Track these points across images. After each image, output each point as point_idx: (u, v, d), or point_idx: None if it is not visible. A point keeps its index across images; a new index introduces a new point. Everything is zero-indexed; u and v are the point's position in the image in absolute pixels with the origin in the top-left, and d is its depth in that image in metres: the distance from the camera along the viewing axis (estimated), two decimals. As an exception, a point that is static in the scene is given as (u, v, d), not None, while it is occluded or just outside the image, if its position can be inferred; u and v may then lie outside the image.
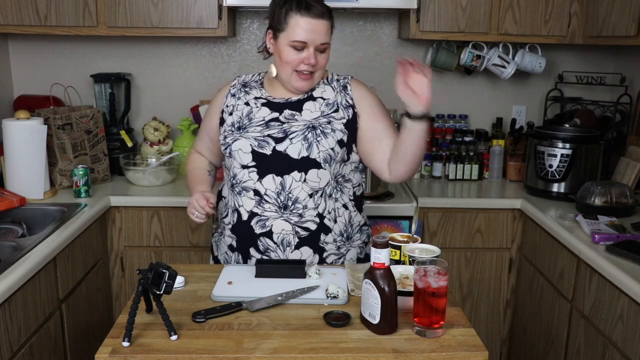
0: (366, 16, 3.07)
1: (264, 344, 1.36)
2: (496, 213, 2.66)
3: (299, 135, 1.81)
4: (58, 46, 3.03)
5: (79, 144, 2.64)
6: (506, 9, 2.71)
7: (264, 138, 1.82)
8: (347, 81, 1.92)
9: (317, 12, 1.75)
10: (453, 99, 3.18)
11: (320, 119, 1.84)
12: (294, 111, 1.85)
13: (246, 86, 1.95)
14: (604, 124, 2.89)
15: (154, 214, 2.57)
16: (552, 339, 2.34)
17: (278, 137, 1.81)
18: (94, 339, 2.32)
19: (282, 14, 1.77)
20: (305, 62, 1.77)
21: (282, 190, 1.80)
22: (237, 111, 1.89)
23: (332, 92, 1.89)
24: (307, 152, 1.80)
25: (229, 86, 1.98)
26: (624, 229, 2.15)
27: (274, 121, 1.84)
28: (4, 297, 1.65)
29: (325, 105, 1.86)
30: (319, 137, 1.81)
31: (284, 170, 1.80)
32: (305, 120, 1.83)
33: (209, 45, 3.08)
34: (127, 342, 1.34)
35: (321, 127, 1.82)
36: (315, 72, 1.81)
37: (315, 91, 1.89)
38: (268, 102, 1.88)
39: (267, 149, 1.81)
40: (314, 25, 1.75)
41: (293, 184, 1.80)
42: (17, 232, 2.20)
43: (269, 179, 1.81)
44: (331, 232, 1.86)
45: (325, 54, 1.81)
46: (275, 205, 1.81)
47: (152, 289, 1.38)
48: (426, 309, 1.39)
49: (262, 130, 1.83)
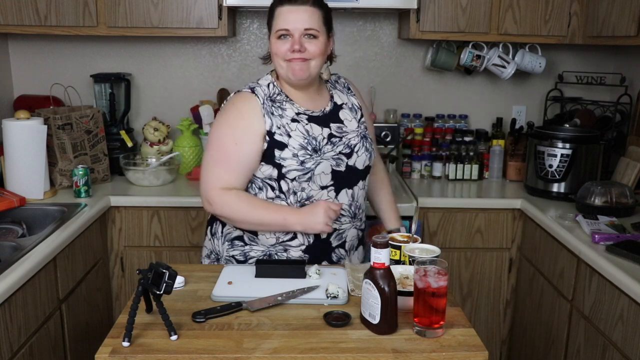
0: (366, 16, 3.07)
1: (264, 344, 1.36)
2: (496, 213, 2.66)
3: (361, 148, 1.88)
4: (58, 46, 3.03)
5: (79, 144, 2.64)
6: (506, 9, 2.71)
7: (338, 156, 1.84)
8: (343, 81, 2.00)
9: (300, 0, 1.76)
10: (453, 99, 3.18)
11: (361, 126, 1.92)
12: (338, 123, 1.88)
13: (274, 101, 1.82)
14: (604, 124, 2.89)
15: (154, 214, 2.56)
16: (552, 339, 2.34)
17: (346, 152, 1.85)
18: (94, 339, 2.32)
19: (271, 10, 1.81)
20: (290, 50, 1.74)
21: (352, 201, 1.88)
22: (294, 130, 1.79)
23: (344, 95, 1.95)
24: (369, 162, 1.92)
25: (259, 105, 1.79)
26: (624, 229, 2.15)
27: (333, 137, 1.85)
28: (4, 297, 1.65)
29: (350, 110, 1.93)
30: (372, 145, 1.94)
31: (353, 182, 1.88)
32: (354, 130, 1.89)
33: (209, 45, 3.08)
34: (127, 342, 1.34)
35: (368, 134, 1.93)
36: (310, 60, 1.77)
37: (335, 98, 1.92)
38: (310, 117, 1.85)
39: (342, 166, 1.84)
40: (295, 12, 1.74)
41: (359, 193, 1.90)
42: (17, 232, 2.20)
43: (343, 194, 1.86)
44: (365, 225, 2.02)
45: (316, 42, 1.77)
46: (349, 217, 1.89)
47: (152, 289, 1.38)
48: (426, 309, 1.39)
49: (333, 149, 1.84)
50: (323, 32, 1.79)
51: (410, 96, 3.16)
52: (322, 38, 1.79)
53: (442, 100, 3.18)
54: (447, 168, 2.99)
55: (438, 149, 3.04)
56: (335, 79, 1.98)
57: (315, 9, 1.77)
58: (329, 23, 1.83)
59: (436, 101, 3.18)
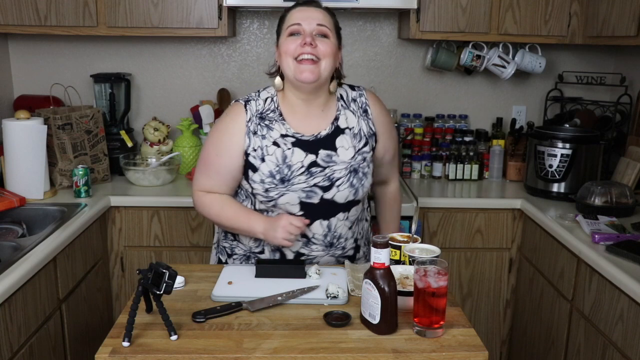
0: (366, 16, 3.07)
1: (264, 344, 1.36)
2: (496, 213, 2.66)
3: (344, 183, 1.79)
4: (58, 46, 3.03)
5: (79, 144, 2.64)
6: (506, 9, 2.71)
7: (311, 188, 1.77)
8: (364, 100, 1.86)
9: (313, 3, 1.76)
10: (453, 99, 3.18)
11: (357, 158, 1.81)
12: (329, 151, 1.79)
13: (264, 118, 1.79)
14: (604, 124, 2.89)
15: (154, 214, 2.56)
16: (552, 339, 2.34)
17: (324, 185, 1.78)
18: (94, 339, 2.32)
19: (281, 19, 1.79)
20: (302, 44, 1.69)
21: (328, 232, 1.83)
22: (270, 155, 1.77)
23: (354, 118, 1.83)
24: (353, 197, 1.82)
25: (243, 121, 1.79)
26: (624, 229, 2.15)
27: (314, 166, 1.77)
28: (4, 297, 1.65)
29: (353, 137, 1.82)
30: (362, 180, 1.82)
31: (331, 213, 1.81)
32: (344, 162, 1.79)
33: (209, 45, 3.08)
34: (127, 342, 1.34)
35: (361, 168, 1.81)
36: (320, 60, 1.71)
37: (340, 121, 1.82)
38: (297, 140, 1.78)
39: (314, 198, 1.78)
40: (307, 11, 1.74)
41: (338, 224, 1.83)
42: (17, 232, 2.20)
43: (316, 225, 1.81)
44: (361, 248, 1.94)
45: (326, 41, 1.72)
46: (322, 245, 1.84)
47: (152, 289, 1.38)
48: (426, 309, 1.39)
49: (307, 180, 1.76)
50: (334, 36, 1.75)
51: (410, 96, 3.16)
52: (333, 41, 1.75)
53: (442, 100, 3.18)
54: (447, 168, 2.99)
55: (438, 149, 3.04)
56: (355, 96, 1.86)
57: (327, 13, 1.77)
58: (339, 34, 1.79)
59: (436, 101, 3.18)
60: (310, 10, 1.74)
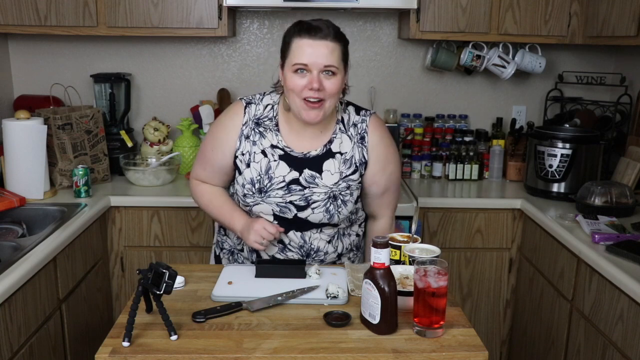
0: (366, 16, 3.07)
1: (264, 344, 1.36)
2: (496, 213, 2.66)
3: (320, 207, 1.78)
4: (58, 46, 3.03)
5: (79, 144, 2.64)
6: (506, 9, 2.71)
7: (286, 204, 1.77)
8: (365, 127, 1.81)
9: (320, 34, 1.65)
10: (453, 99, 3.18)
11: (340, 184, 1.78)
12: (314, 172, 1.77)
13: (259, 124, 1.80)
14: (604, 124, 2.89)
15: (154, 214, 2.56)
16: (552, 339, 2.34)
17: (299, 204, 1.77)
18: (94, 339, 2.32)
19: (286, 40, 1.70)
20: (308, 87, 1.65)
21: (304, 243, 1.83)
22: (255, 162, 1.78)
23: (350, 144, 1.80)
24: (327, 221, 1.81)
25: (240, 122, 1.80)
26: (624, 229, 2.15)
27: (295, 183, 1.77)
28: (4, 297, 1.65)
29: (343, 163, 1.79)
30: (340, 207, 1.79)
31: (304, 228, 1.81)
32: (326, 187, 1.77)
33: (209, 45, 3.08)
34: (127, 342, 1.34)
35: (341, 195, 1.78)
36: (325, 100, 1.68)
37: (334, 144, 1.79)
38: (286, 154, 1.78)
39: (288, 214, 1.79)
40: (314, 47, 1.64)
41: (313, 237, 1.83)
42: (17, 232, 2.20)
43: (291, 234, 1.82)
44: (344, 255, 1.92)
45: (334, 79, 1.67)
46: (299, 254, 1.84)
47: (152, 289, 1.38)
48: (426, 309, 1.39)
49: (283, 196, 1.77)
50: (342, 68, 1.70)
51: (410, 96, 3.16)
52: (341, 74, 1.69)
53: (442, 100, 3.18)
54: (447, 168, 2.99)
55: (438, 149, 3.04)
56: (357, 121, 1.81)
57: (336, 45, 1.67)
58: (347, 57, 1.73)
59: (436, 101, 3.18)
60: (319, 46, 1.64)
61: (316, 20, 1.69)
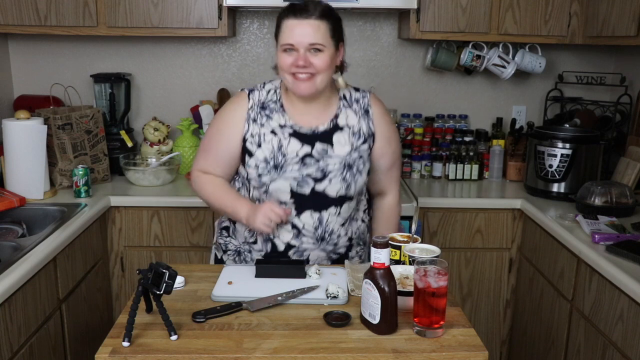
0: (366, 16, 3.07)
1: (264, 344, 1.36)
2: (496, 213, 2.66)
3: (337, 176, 1.81)
4: (58, 46, 3.03)
5: (79, 144, 2.64)
6: (506, 9, 2.71)
7: (304, 178, 1.80)
8: (367, 102, 1.88)
9: (305, 13, 1.70)
10: (453, 99, 3.18)
11: (353, 154, 1.83)
12: (325, 144, 1.81)
13: (265, 108, 1.84)
14: (604, 124, 2.89)
15: (154, 214, 2.56)
16: (552, 339, 2.34)
17: (317, 177, 1.80)
18: (94, 339, 2.32)
19: (278, 23, 1.76)
20: (295, 65, 1.72)
21: (319, 224, 1.83)
22: (266, 142, 1.81)
23: (355, 117, 1.85)
24: (345, 192, 1.83)
25: (245, 107, 1.85)
26: (624, 229, 2.15)
27: (309, 157, 1.80)
28: (4, 297, 1.65)
29: (352, 135, 1.84)
30: (356, 176, 1.83)
31: (321, 206, 1.82)
32: (340, 157, 1.81)
33: (209, 45, 3.08)
34: (127, 342, 1.34)
35: (356, 165, 1.83)
36: (316, 74, 1.74)
37: (340, 118, 1.84)
38: (295, 132, 1.81)
39: (306, 188, 1.80)
40: (299, 26, 1.70)
41: (329, 218, 1.84)
42: (17, 232, 2.20)
43: (307, 215, 1.82)
44: (354, 247, 1.94)
45: (322, 55, 1.72)
46: (313, 239, 1.85)
47: (152, 289, 1.38)
48: (426, 309, 1.40)
49: (300, 169, 1.79)
50: (330, 45, 1.74)
51: (410, 96, 3.16)
52: (329, 51, 1.74)
53: (442, 100, 3.18)
54: (447, 168, 2.99)
55: (438, 149, 3.04)
56: (358, 97, 1.88)
57: (322, 22, 1.71)
58: (338, 34, 1.77)
59: (436, 101, 3.18)
60: (303, 25, 1.70)
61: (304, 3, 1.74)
